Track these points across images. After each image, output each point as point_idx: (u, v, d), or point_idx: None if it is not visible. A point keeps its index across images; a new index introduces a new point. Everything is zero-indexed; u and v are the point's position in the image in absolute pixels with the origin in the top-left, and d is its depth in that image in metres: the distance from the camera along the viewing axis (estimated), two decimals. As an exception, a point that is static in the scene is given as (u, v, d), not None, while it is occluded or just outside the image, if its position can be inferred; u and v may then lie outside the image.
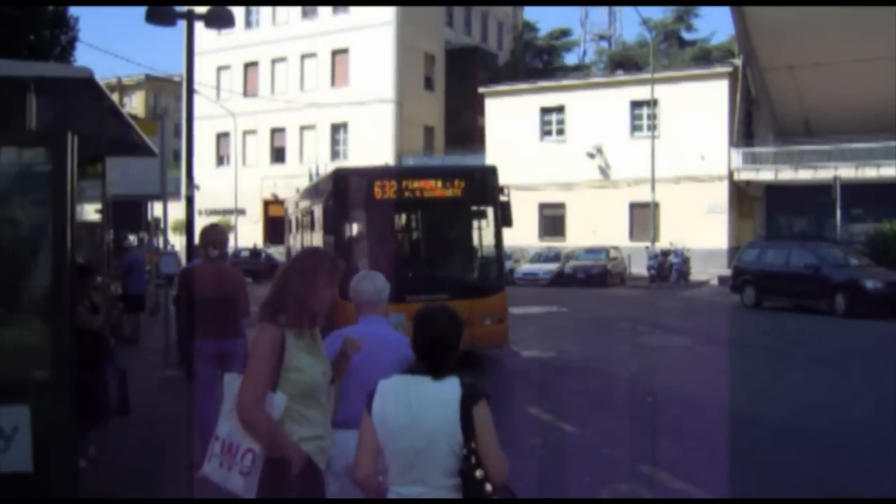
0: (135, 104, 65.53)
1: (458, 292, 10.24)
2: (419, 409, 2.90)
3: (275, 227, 42.18)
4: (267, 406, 3.15)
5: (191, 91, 12.73)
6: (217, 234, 7.04)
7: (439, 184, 11.10)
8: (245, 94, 43.32)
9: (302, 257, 3.46)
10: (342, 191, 10.73)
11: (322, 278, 3.33)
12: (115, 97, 7.34)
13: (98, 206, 12.52)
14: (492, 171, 11.82)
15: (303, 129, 42.08)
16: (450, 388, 2.92)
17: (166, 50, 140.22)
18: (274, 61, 42.92)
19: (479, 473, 2.84)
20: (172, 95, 64.14)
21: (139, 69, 70.42)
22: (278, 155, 43.35)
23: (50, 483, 3.91)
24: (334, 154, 40.81)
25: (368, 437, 2.99)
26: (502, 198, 11.46)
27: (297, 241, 16.88)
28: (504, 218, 11.35)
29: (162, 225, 15.42)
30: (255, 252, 35.07)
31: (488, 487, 2.84)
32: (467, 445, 2.85)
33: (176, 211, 16.09)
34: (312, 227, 13.53)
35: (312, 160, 38.41)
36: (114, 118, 6.96)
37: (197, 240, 8.23)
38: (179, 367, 10.64)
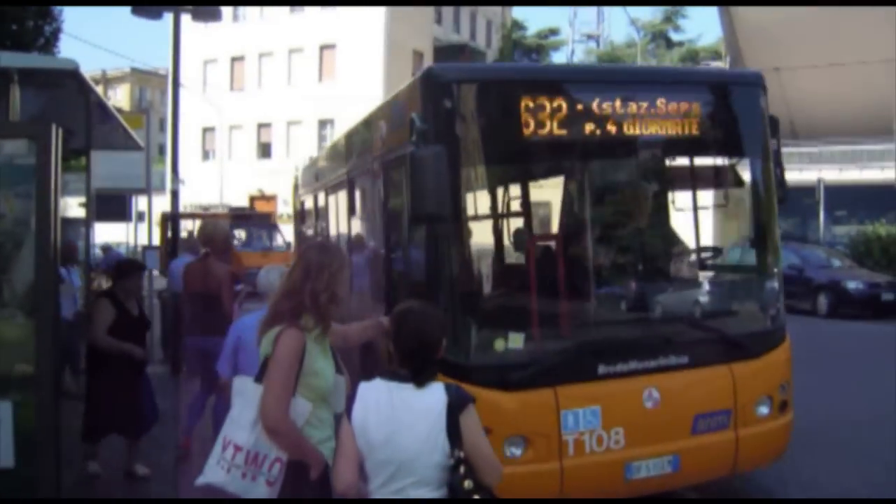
0: (120, 97, 65.08)
1: (707, 352, 5.13)
2: (402, 421, 2.76)
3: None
4: (290, 412, 3.07)
5: (177, 85, 12.65)
6: (200, 236, 7.12)
7: (660, 105, 5.05)
8: (231, 88, 43.06)
9: (322, 254, 3.32)
10: (445, 118, 4.67)
11: (345, 274, 3.26)
12: (99, 90, 7.28)
13: (82, 199, 12.43)
14: (754, 82, 5.64)
15: (290, 124, 41.88)
16: (435, 397, 2.77)
17: (152, 43, 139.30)
18: (261, 55, 42.69)
19: (467, 484, 2.70)
20: (158, 89, 63.70)
21: (124, 62, 69.94)
22: (265, 150, 43.12)
23: (32, 480, 3.87)
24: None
25: (349, 445, 2.85)
26: (773, 142, 5.63)
27: (319, 235, 9.69)
28: (780, 181, 5.69)
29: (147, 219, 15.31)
30: (240, 247, 34.90)
31: (475, 497, 2.72)
32: (455, 455, 2.71)
33: (162, 206, 15.96)
34: (352, 210, 7.39)
35: (299, 156, 38.27)
36: (99, 111, 6.90)
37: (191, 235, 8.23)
38: (164, 362, 10.62)
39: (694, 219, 5.93)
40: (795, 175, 30.04)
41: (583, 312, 5.36)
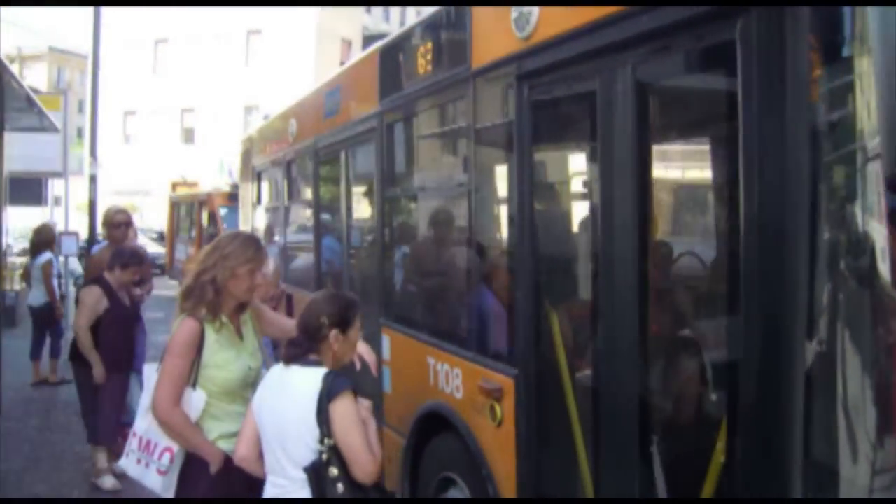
0: (36, 77, 62.52)
1: None
2: (284, 403, 2.79)
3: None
4: (185, 404, 3.02)
5: (97, 66, 12.36)
6: None
7: None
8: (155, 71, 41.98)
9: (224, 241, 3.23)
10: None
11: (245, 264, 3.13)
12: (14, 68, 7.04)
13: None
14: None
15: (214, 110, 41.11)
16: (311, 382, 2.76)
17: (72, 20, 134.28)
18: (186, 39, 41.73)
19: (333, 472, 2.68)
20: (77, 69, 61.50)
21: (42, 40, 67.22)
22: (188, 136, 42.21)
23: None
24: (247, 137, 40.00)
25: (249, 422, 2.93)
26: None
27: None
28: None
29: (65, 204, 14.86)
30: (162, 236, 33.73)
31: (340, 488, 2.69)
32: (323, 443, 2.69)
33: (80, 190, 15.52)
34: (388, 179, 4.89)
35: (223, 142, 37.63)
36: (13, 90, 6.73)
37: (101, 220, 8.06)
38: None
39: None
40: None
41: None
